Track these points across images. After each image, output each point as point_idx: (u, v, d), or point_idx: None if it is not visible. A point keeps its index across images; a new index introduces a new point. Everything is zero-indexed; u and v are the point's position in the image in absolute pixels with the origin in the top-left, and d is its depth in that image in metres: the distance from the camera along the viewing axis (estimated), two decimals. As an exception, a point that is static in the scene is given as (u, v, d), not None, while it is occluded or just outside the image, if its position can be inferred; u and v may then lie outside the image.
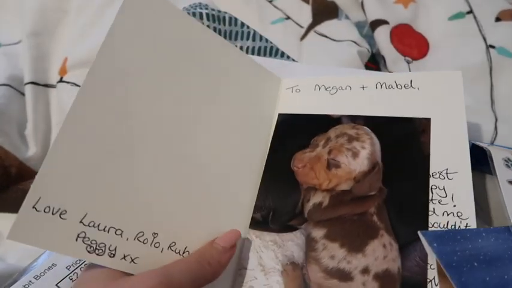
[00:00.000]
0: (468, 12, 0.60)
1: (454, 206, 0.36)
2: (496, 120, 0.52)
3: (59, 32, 0.67)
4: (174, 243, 0.34)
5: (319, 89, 0.47)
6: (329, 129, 0.43)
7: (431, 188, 0.37)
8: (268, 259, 0.38)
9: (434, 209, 0.36)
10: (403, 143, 0.41)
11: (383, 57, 0.60)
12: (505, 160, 0.41)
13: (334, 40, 0.62)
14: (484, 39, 0.57)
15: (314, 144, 0.43)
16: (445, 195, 0.37)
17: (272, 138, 0.45)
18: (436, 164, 0.38)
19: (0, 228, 0.51)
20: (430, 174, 0.38)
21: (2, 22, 0.72)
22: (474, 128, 0.51)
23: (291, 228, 0.39)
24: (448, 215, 0.36)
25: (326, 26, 0.64)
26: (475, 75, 0.55)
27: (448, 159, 0.38)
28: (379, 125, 0.42)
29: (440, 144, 0.39)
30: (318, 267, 0.36)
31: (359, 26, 0.65)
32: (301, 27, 0.66)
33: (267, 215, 0.40)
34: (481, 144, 0.45)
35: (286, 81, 0.50)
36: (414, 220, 0.36)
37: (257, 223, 0.40)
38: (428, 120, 0.40)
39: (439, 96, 0.41)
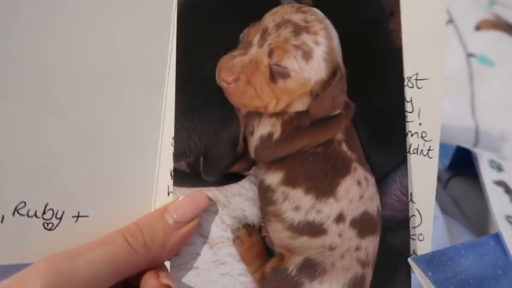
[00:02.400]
0: (449, 22, 0.60)
1: (420, 124, 0.29)
2: (477, 127, 0.52)
3: None
4: (23, 205, 0.23)
5: None
6: (264, 15, 0.28)
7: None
8: (210, 225, 0.27)
9: None
10: (368, 32, 0.30)
11: None
12: (490, 161, 0.41)
13: None
14: (464, 47, 0.58)
15: (245, 41, 0.28)
16: (411, 110, 0.29)
17: (177, 35, 0.28)
18: (405, 65, 0.29)
19: None
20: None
21: None
22: (455, 135, 0.51)
23: (235, 178, 0.28)
24: (412, 135, 0.29)
25: None
26: (456, 83, 0.55)
27: (419, 59, 0.29)
28: (333, 4, 0.29)
29: (409, 41, 0.29)
30: (281, 225, 0.28)
31: None
32: None
33: (196, 163, 0.28)
34: (466, 146, 0.44)
35: None
36: (392, 142, 0.29)
37: (184, 176, 0.27)
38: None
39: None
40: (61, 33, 0.24)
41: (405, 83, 0.30)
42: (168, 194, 0.27)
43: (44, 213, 0.23)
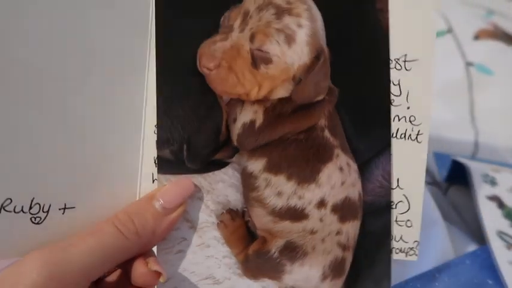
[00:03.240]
0: (448, 31, 0.62)
1: (408, 108, 0.29)
2: (477, 134, 0.53)
3: None
4: (9, 200, 0.24)
5: None
6: None
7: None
8: (195, 211, 0.28)
9: None
10: (353, 13, 0.28)
11: None
12: (483, 176, 0.41)
13: None
14: (463, 56, 0.59)
15: (226, 25, 0.28)
16: (399, 93, 0.29)
17: (156, 20, 0.28)
18: (392, 46, 0.28)
19: None
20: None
21: None
22: (455, 142, 0.52)
23: (218, 165, 0.29)
24: (399, 120, 0.29)
25: None
26: (455, 91, 0.56)
27: (408, 40, 0.28)
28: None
29: (397, 20, 0.28)
30: (263, 210, 0.28)
31: None
32: None
33: (180, 151, 0.28)
34: (460, 159, 0.45)
35: None
36: (376, 128, 0.29)
37: (168, 164, 0.28)
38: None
39: None
40: (38, 25, 0.24)
41: (392, 65, 0.29)
42: (153, 181, 0.28)
43: (30, 208, 0.24)
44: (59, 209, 0.25)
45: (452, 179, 0.48)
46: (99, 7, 0.26)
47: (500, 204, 0.40)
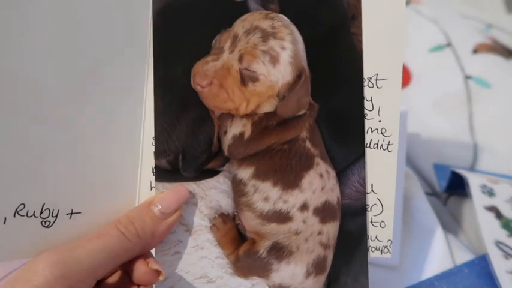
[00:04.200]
0: (447, 45, 0.64)
1: (379, 121, 0.32)
2: (476, 146, 0.54)
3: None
4: (22, 205, 0.26)
5: None
6: (235, 22, 0.31)
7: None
8: (190, 215, 0.31)
9: None
10: (331, 36, 0.32)
11: None
12: (481, 187, 0.42)
13: None
14: (462, 70, 0.61)
15: (217, 47, 0.31)
16: (371, 108, 0.32)
17: (153, 42, 0.31)
18: (365, 67, 0.32)
19: None
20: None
21: None
22: (454, 153, 0.53)
23: (211, 173, 0.32)
24: (372, 131, 0.32)
25: None
26: (454, 103, 0.58)
27: (379, 61, 0.32)
28: (299, 10, 0.31)
29: (370, 43, 0.32)
30: (252, 214, 0.31)
31: None
32: None
33: (176, 160, 0.31)
34: (459, 170, 0.46)
35: None
36: (351, 139, 0.32)
37: (165, 173, 0.31)
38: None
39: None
40: (39, 37, 0.26)
41: (365, 83, 0.32)
42: (151, 188, 0.31)
43: (41, 212, 0.26)
44: (67, 214, 0.27)
45: (452, 189, 0.49)
46: (102, 23, 0.29)
47: (498, 215, 0.41)
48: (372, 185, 0.33)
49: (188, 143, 0.31)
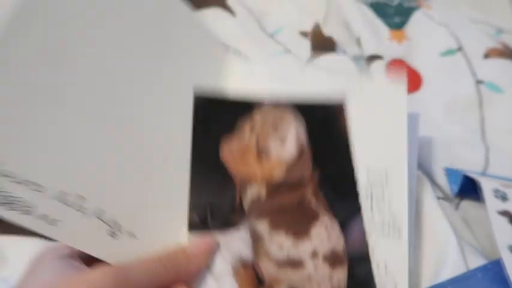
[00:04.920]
0: (458, 49, 0.64)
1: (389, 212, 0.39)
2: (487, 150, 0.53)
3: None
4: (102, 212, 0.31)
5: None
6: (254, 113, 0.42)
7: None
8: (215, 261, 0.36)
9: (372, 215, 0.39)
10: (326, 124, 0.43)
11: None
12: (494, 191, 0.42)
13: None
14: (473, 74, 0.61)
15: (240, 129, 0.41)
16: (382, 200, 0.39)
17: (193, 121, 0.41)
18: (373, 166, 0.40)
19: (5, 251, 0.44)
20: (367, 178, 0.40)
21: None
22: (465, 157, 0.52)
23: (233, 225, 0.38)
24: (383, 224, 0.38)
25: (324, 60, 0.66)
26: (465, 108, 0.58)
27: (385, 162, 0.41)
28: (302, 107, 0.43)
29: (377, 145, 0.41)
30: (269, 261, 0.36)
31: (355, 59, 0.67)
32: (300, 60, 0.67)
33: (205, 214, 0.38)
34: (471, 175, 0.46)
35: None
36: (347, 196, 0.39)
37: (196, 224, 0.37)
38: (343, 104, 0.43)
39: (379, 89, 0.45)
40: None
41: (375, 179, 0.40)
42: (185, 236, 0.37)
43: (115, 224, 0.31)
44: (128, 234, 0.32)
45: (463, 194, 0.47)
46: (156, 114, 0.39)
47: (511, 220, 0.40)
48: (385, 265, 0.36)
49: (216, 200, 0.38)
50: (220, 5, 0.74)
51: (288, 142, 0.40)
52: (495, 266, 0.38)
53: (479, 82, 0.60)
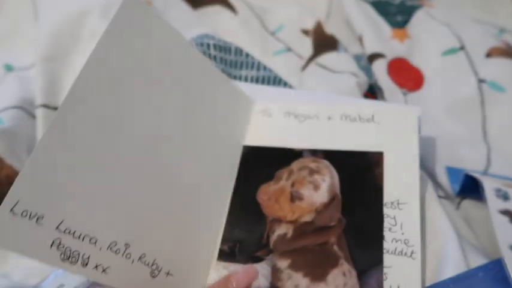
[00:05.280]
0: (460, 48, 0.63)
1: (402, 233, 0.40)
2: (489, 150, 0.53)
3: (72, 58, 0.65)
4: (144, 255, 0.35)
5: (289, 115, 0.49)
6: (292, 163, 0.45)
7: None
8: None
9: (384, 236, 0.41)
10: (359, 175, 0.44)
11: (380, 89, 0.61)
12: (496, 190, 0.41)
13: (333, 71, 0.62)
14: (475, 73, 0.60)
15: (278, 176, 0.44)
16: (394, 224, 0.41)
17: (238, 169, 0.46)
18: (388, 194, 0.42)
19: None
20: (384, 204, 0.42)
21: (15, 47, 0.72)
22: (467, 156, 0.52)
23: (258, 259, 0.41)
24: (396, 241, 0.40)
25: (326, 58, 0.65)
26: (467, 107, 0.58)
27: (399, 190, 0.42)
28: (337, 158, 0.45)
29: (393, 177, 0.43)
30: (285, 297, 0.40)
31: (357, 58, 0.66)
32: (302, 58, 0.67)
33: (234, 247, 0.41)
34: (473, 174, 0.45)
35: (259, 105, 0.51)
36: (371, 248, 0.41)
37: (224, 255, 0.41)
38: (381, 154, 0.45)
39: (395, 131, 0.45)
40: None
41: (390, 206, 0.42)
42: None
43: (152, 264, 0.35)
44: (165, 273, 0.36)
45: (465, 193, 0.48)
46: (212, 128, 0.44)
47: None
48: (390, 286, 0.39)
49: (245, 236, 0.42)
50: (222, 2, 0.73)
51: (321, 188, 0.43)
52: (496, 265, 0.38)
53: (481, 81, 0.59)
